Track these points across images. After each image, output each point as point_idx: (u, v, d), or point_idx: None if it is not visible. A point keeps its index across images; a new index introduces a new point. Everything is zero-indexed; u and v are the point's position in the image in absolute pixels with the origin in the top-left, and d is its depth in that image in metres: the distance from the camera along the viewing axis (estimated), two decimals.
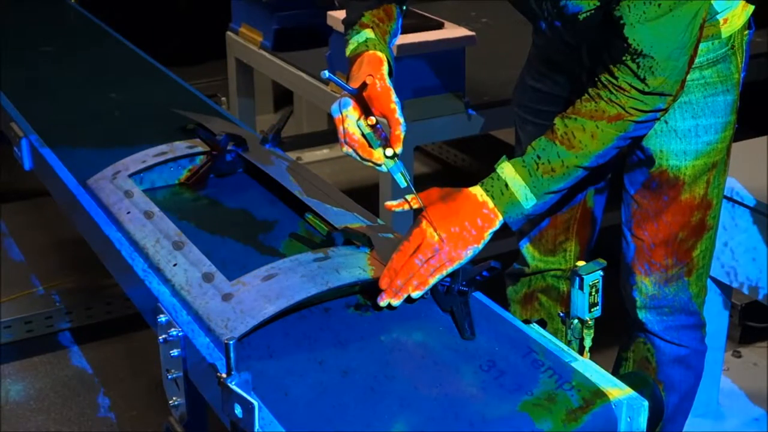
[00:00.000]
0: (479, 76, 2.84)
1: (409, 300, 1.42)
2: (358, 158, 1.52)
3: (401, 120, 1.51)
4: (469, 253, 1.44)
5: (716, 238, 1.86)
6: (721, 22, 1.68)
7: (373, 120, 1.50)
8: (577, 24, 1.60)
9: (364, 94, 1.52)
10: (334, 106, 1.54)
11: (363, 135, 1.51)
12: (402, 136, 1.52)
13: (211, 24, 4.05)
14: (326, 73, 1.49)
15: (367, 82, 1.52)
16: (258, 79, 3.76)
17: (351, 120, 1.51)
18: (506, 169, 1.50)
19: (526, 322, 1.43)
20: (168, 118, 2.07)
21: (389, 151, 1.50)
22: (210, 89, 4.19)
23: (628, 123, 1.51)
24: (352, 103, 1.51)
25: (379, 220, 1.64)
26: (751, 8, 1.75)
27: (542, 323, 1.44)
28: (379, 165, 1.52)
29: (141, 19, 4.77)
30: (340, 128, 1.52)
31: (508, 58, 2.88)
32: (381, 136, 1.50)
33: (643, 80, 1.47)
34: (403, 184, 1.51)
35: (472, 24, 3.19)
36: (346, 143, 1.52)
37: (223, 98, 4.18)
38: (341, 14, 2.78)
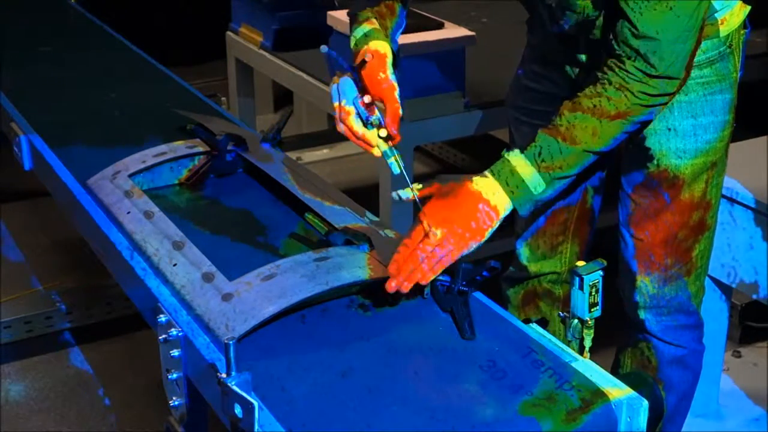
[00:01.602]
0: (479, 76, 2.84)
1: (412, 293, 1.41)
2: (352, 137, 1.53)
3: (398, 102, 1.51)
4: (472, 246, 1.44)
5: (714, 238, 1.86)
6: (719, 21, 1.69)
7: (368, 98, 1.50)
8: (583, 14, 1.60)
9: (363, 72, 1.52)
10: (333, 87, 1.55)
11: (358, 114, 1.51)
12: (398, 119, 1.51)
13: (211, 24, 4.05)
14: (325, 48, 1.50)
15: (366, 59, 1.53)
16: (258, 79, 3.76)
17: (348, 98, 1.52)
18: (513, 159, 1.50)
19: (526, 321, 1.43)
20: (168, 118, 2.07)
21: (383, 132, 1.49)
22: (210, 89, 4.19)
23: (638, 108, 1.50)
24: (350, 82, 1.52)
25: (379, 220, 1.64)
26: (747, 8, 1.76)
27: (542, 323, 1.44)
28: (372, 147, 1.52)
29: (141, 19, 4.78)
30: (336, 106, 1.52)
31: (508, 58, 2.88)
32: (377, 117, 1.49)
33: (651, 64, 1.47)
34: (396, 170, 1.50)
35: (472, 24, 3.19)
36: (341, 121, 1.53)
37: (223, 98, 4.18)
38: (341, 14, 2.78)
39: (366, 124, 1.51)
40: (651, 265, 1.81)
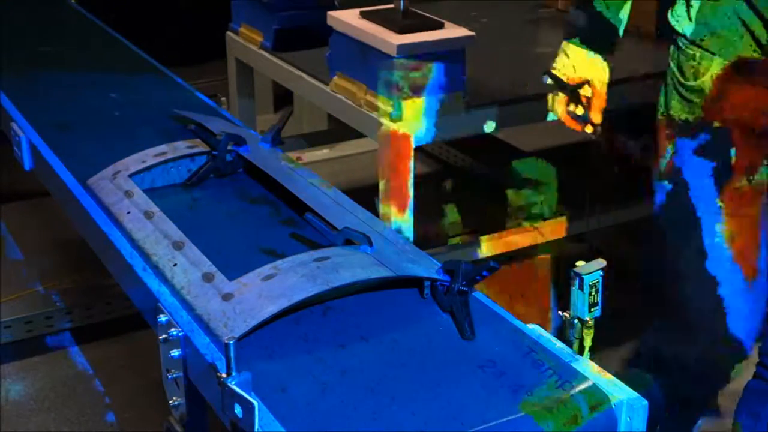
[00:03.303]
0: (479, 76, 2.84)
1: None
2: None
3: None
4: None
5: None
6: None
7: (581, 110, 2.03)
8: None
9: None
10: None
11: (573, 114, 2.05)
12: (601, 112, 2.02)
13: (211, 24, 4.05)
14: (547, 79, 2.02)
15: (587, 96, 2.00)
16: (258, 79, 3.76)
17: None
18: None
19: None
20: (168, 118, 2.07)
21: (589, 128, 2.04)
22: (210, 89, 4.18)
23: None
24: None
25: (378, 221, 1.64)
26: None
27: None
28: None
29: (141, 18, 4.77)
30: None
31: (508, 58, 2.88)
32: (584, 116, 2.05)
33: None
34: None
35: (472, 24, 3.18)
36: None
37: (223, 98, 4.17)
38: (341, 14, 2.78)
39: (580, 122, 2.06)
40: None
